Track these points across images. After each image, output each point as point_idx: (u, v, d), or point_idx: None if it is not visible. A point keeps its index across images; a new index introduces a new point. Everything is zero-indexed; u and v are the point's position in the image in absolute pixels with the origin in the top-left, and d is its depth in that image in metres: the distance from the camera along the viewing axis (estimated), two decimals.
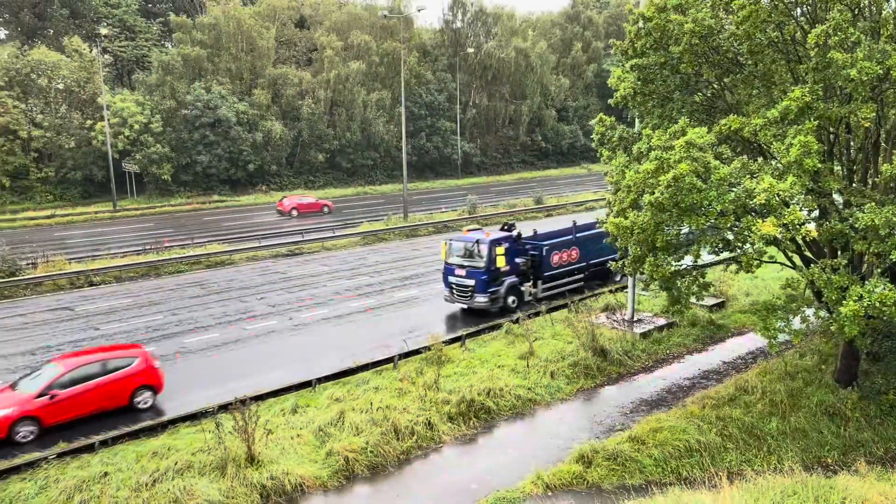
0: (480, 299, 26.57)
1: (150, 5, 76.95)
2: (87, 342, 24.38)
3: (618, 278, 29.95)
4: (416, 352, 21.67)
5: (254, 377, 20.75)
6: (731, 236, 15.94)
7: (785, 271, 19.05)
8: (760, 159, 16.84)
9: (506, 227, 28.54)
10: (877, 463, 15.67)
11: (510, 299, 27.22)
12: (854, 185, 16.82)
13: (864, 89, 14.57)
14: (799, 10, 16.89)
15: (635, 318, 24.71)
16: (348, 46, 73.86)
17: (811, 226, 15.53)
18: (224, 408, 17.40)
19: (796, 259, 18.04)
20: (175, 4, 76.68)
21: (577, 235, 30.00)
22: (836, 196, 16.91)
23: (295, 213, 54.30)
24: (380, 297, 30.04)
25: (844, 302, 14.14)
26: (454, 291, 27.42)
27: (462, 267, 27.08)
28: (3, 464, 15.48)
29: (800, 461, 15.62)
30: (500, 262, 26.33)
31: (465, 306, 27.54)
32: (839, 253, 16.60)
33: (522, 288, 27.69)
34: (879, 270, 15.78)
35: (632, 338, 23.15)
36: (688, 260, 17.09)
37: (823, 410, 17.61)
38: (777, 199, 14.16)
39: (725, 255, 17.43)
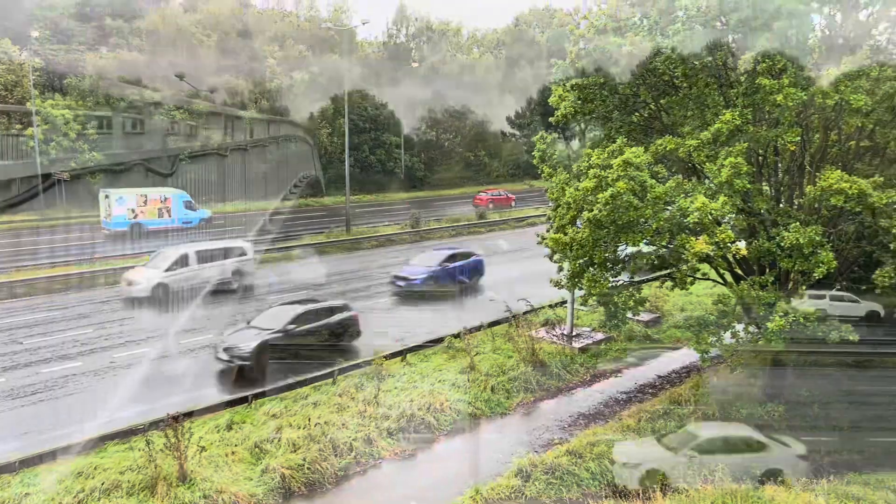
0: None
1: (87, 9, 74.57)
2: (10, 357, 23.25)
3: None
4: (357, 366, 21.44)
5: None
6: (665, 253, 16.39)
7: (717, 288, 19.64)
8: (694, 179, 17.40)
9: None
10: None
11: None
12: (781, 205, 17.54)
13: (790, 114, 15.26)
14: (730, 36, 17.59)
15: (574, 333, 25.03)
16: (289, 57, 73.17)
17: (741, 244, 16.11)
18: (155, 424, 16.82)
19: (727, 276, 18.64)
20: (113, 9, 74.52)
21: None
22: (764, 216, 17.58)
23: None
24: None
25: (772, 317, 14.69)
26: None
27: None
28: None
29: (730, 473, 16.02)
30: None
31: None
32: (767, 270, 17.24)
33: None
34: (804, 287, 16.47)
35: (570, 352, 23.45)
36: (624, 276, 17.49)
37: (753, 423, 18.15)
38: (709, 217, 14.64)
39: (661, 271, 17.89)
